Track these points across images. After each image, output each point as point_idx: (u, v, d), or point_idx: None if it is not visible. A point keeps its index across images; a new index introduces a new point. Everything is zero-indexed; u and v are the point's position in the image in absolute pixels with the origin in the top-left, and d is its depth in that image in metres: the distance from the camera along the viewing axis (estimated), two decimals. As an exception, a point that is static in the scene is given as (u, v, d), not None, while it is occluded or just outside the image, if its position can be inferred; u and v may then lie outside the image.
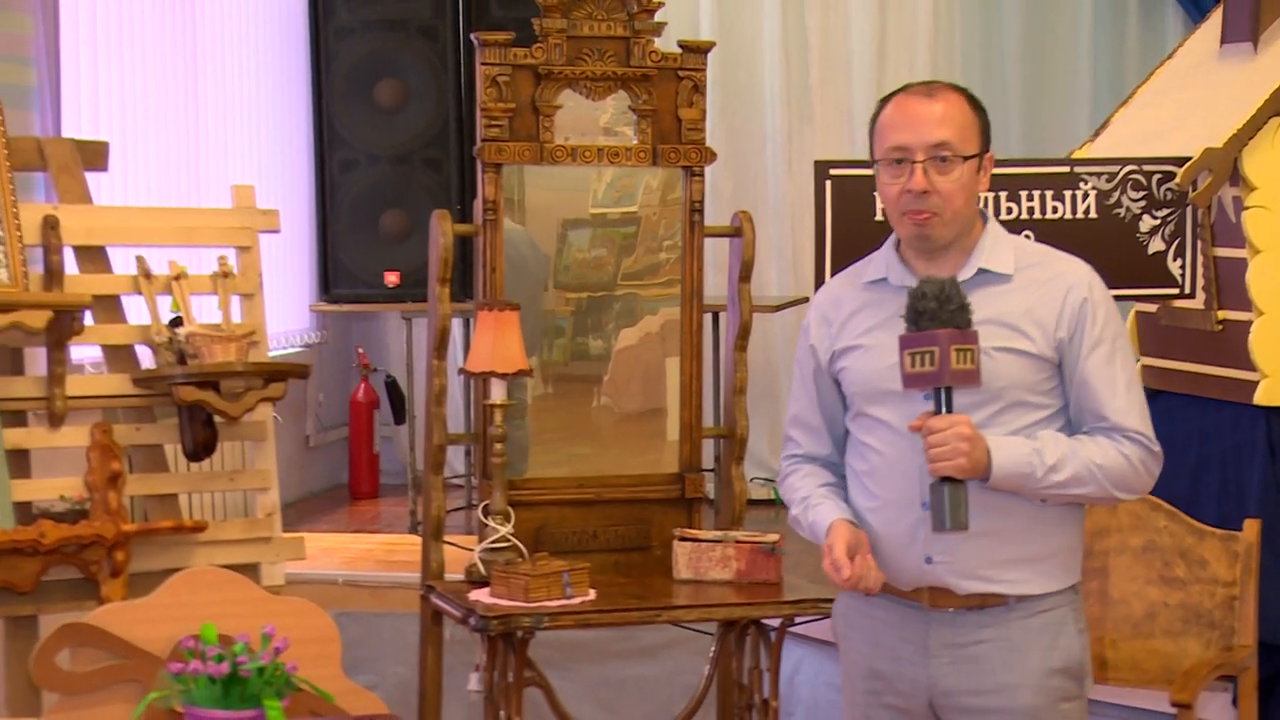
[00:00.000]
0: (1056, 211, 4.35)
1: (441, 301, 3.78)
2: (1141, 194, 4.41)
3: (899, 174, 2.79)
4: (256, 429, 4.00)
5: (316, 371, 6.62)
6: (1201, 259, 4.47)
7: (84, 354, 4.72)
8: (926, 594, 2.84)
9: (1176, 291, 4.46)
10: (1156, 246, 4.42)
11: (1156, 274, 4.43)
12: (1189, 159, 4.39)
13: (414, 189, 6.67)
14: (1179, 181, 4.41)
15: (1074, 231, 4.31)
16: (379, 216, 6.67)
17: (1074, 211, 4.36)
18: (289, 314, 6.71)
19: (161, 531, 3.76)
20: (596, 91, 3.87)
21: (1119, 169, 4.40)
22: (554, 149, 3.84)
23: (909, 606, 2.86)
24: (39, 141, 4.02)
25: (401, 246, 6.62)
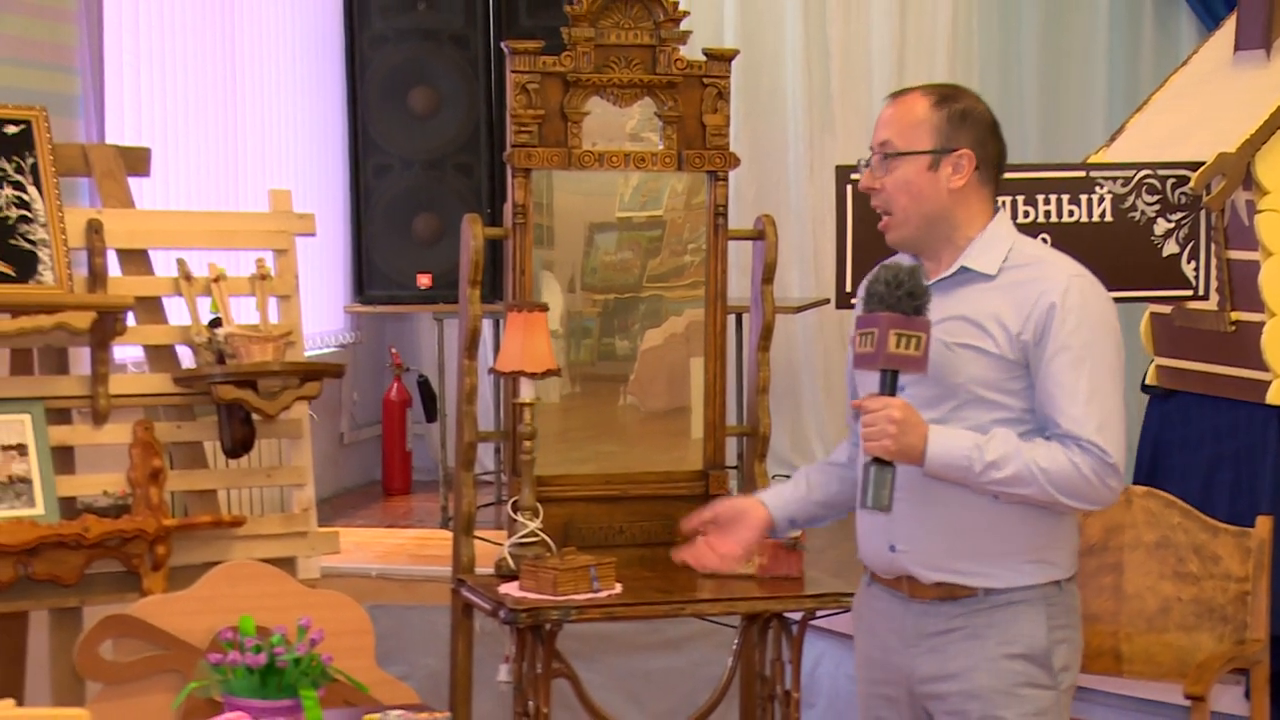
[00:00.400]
0: (1073, 215, 4.33)
1: (472, 303, 3.78)
2: (1156, 198, 4.39)
3: None
4: (293, 427, 4.02)
5: (351, 371, 6.62)
6: (1215, 261, 4.45)
7: (126, 354, 4.74)
8: (906, 584, 2.83)
9: (1190, 293, 4.45)
10: (1171, 249, 4.41)
11: (1171, 276, 4.41)
12: (1203, 164, 4.38)
13: (446, 194, 6.67)
14: (1193, 186, 4.39)
15: (1090, 234, 4.30)
16: (412, 220, 6.68)
17: (1090, 215, 4.34)
18: (324, 315, 6.72)
19: (201, 526, 3.77)
20: (623, 98, 3.87)
21: (1134, 173, 4.38)
22: (582, 154, 3.84)
23: (895, 596, 2.85)
24: (84, 148, 4.04)
25: (433, 249, 6.63)
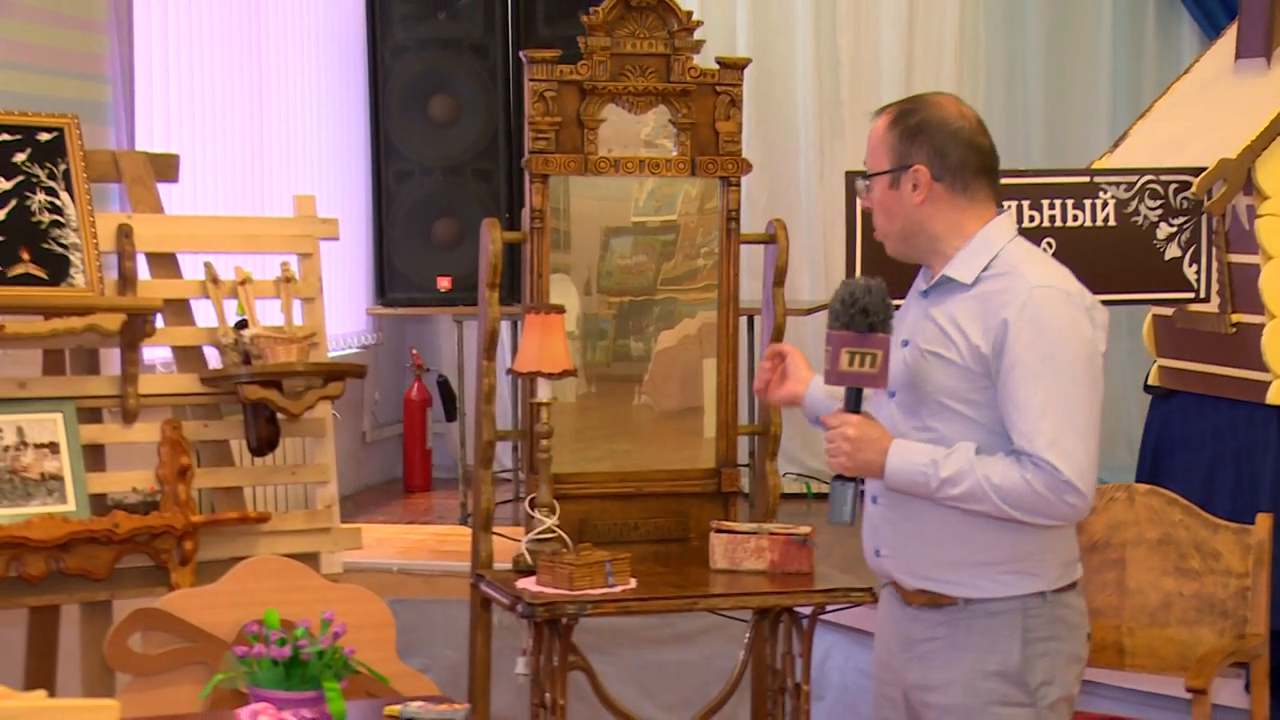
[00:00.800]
0: (1077, 220, 4.32)
1: (491, 305, 3.78)
2: (1159, 203, 4.38)
3: None
4: (316, 425, 4.02)
5: (373, 371, 6.64)
6: (1216, 265, 4.44)
7: (155, 355, 4.74)
8: (896, 588, 2.84)
9: (1192, 296, 4.44)
10: (1173, 253, 4.40)
11: (1173, 279, 4.40)
12: (1204, 169, 4.37)
13: (465, 199, 6.68)
14: (1195, 191, 4.38)
15: (1094, 239, 4.30)
16: (432, 225, 6.69)
17: (1094, 220, 4.33)
18: (347, 317, 6.74)
19: (227, 522, 3.78)
20: (638, 106, 3.87)
21: (1137, 179, 4.37)
22: (598, 160, 3.84)
23: (894, 599, 2.86)
24: (114, 154, 4.05)
25: (453, 253, 6.64)
